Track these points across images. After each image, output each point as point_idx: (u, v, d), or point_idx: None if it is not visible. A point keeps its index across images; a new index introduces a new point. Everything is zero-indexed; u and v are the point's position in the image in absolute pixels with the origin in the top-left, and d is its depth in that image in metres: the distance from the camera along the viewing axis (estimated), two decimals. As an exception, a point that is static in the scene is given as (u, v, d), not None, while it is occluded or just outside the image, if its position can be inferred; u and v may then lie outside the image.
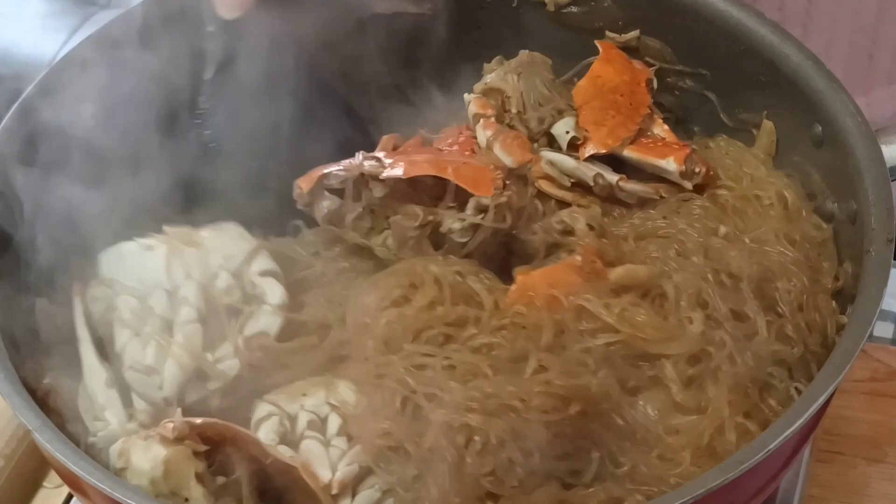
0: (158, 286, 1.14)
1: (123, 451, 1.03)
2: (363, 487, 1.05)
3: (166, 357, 1.09)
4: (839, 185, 1.18)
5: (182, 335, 1.11)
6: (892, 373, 1.35)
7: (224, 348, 1.12)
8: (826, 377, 1.00)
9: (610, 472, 1.06)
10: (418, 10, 1.41)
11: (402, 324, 1.11)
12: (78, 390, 1.12)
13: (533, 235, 1.19)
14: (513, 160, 1.21)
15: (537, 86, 1.29)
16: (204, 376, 1.10)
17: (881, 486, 1.27)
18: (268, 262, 1.18)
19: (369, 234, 1.20)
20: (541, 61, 1.32)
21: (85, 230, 1.17)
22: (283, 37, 1.24)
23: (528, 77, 1.30)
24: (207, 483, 1.01)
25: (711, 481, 0.93)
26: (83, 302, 1.16)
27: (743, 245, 1.16)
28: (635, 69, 1.30)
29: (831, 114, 1.18)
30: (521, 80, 1.29)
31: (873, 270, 1.06)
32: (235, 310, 1.14)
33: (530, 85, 1.29)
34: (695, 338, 1.09)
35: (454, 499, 1.02)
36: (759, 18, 1.26)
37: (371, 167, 1.17)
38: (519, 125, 1.27)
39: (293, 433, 1.08)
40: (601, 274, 1.13)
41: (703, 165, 1.23)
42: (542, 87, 1.29)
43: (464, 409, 1.04)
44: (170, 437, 1.01)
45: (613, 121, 1.25)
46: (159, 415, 1.08)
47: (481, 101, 1.29)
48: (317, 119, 1.28)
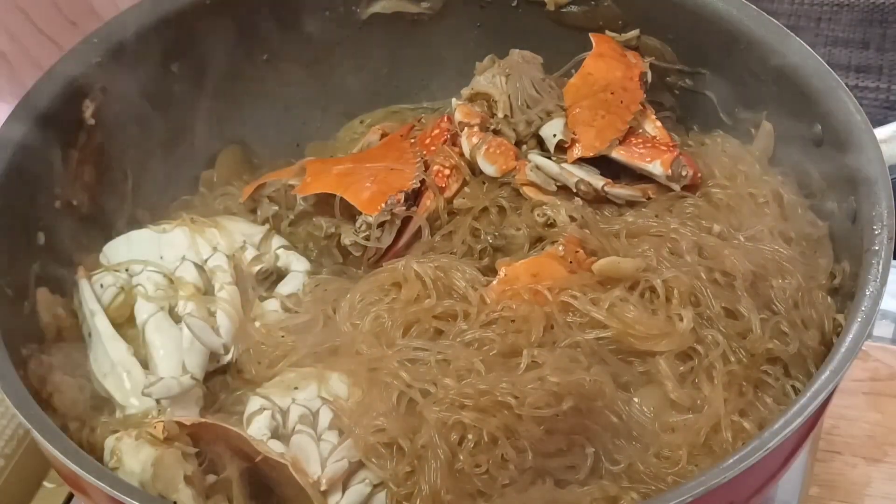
0: (185, 260, 1.22)
1: (115, 450, 1.03)
2: (353, 482, 1.05)
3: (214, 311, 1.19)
4: (839, 183, 1.17)
5: (225, 292, 1.20)
6: (892, 373, 1.35)
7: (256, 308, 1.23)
8: (825, 376, 1.00)
9: (606, 470, 1.06)
10: (418, 10, 1.41)
11: (391, 317, 1.13)
12: (89, 360, 1.17)
13: (517, 231, 1.21)
14: (495, 169, 1.25)
15: (526, 87, 1.29)
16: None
17: (881, 486, 1.26)
18: (282, 240, 1.28)
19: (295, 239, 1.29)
20: (531, 60, 1.32)
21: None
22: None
23: (516, 78, 1.30)
24: (197, 483, 1.01)
25: (711, 480, 0.93)
26: (90, 284, 1.21)
27: (737, 243, 1.16)
28: (629, 63, 1.30)
29: (831, 113, 1.18)
30: (508, 82, 1.30)
31: (873, 269, 1.06)
32: (262, 278, 1.25)
33: (519, 87, 1.29)
34: (684, 335, 1.09)
35: (446, 496, 1.02)
36: (759, 18, 1.26)
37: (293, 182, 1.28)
38: (506, 129, 1.28)
39: (285, 427, 1.08)
40: (584, 264, 1.14)
41: (690, 168, 1.23)
42: (530, 88, 1.29)
43: (458, 407, 1.04)
44: (160, 437, 1.01)
45: (603, 121, 1.25)
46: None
47: (466, 108, 1.29)
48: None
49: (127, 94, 1.29)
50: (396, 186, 1.23)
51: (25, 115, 1.20)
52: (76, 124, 1.25)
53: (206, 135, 1.39)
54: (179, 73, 1.33)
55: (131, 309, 1.19)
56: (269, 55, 1.40)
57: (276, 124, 1.44)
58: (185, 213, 1.29)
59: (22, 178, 1.18)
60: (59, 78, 1.24)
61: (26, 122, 1.20)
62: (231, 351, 1.18)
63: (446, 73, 1.44)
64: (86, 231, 1.25)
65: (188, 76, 1.34)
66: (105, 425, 1.12)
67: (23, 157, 1.18)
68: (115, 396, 1.14)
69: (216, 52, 1.34)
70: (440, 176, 1.25)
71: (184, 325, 1.15)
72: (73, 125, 1.25)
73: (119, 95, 1.28)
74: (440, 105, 1.45)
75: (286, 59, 1.41)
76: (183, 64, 1.33)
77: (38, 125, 1.20)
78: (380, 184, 1.24)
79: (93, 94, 1.26)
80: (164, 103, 1.32)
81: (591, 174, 1.23)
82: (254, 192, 1.31)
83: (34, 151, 1.20)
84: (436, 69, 1.46)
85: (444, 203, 1.24)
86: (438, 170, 1.26)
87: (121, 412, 1.14)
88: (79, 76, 1.25)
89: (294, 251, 1.27)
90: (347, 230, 1.23)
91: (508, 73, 1.30)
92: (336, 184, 1.25)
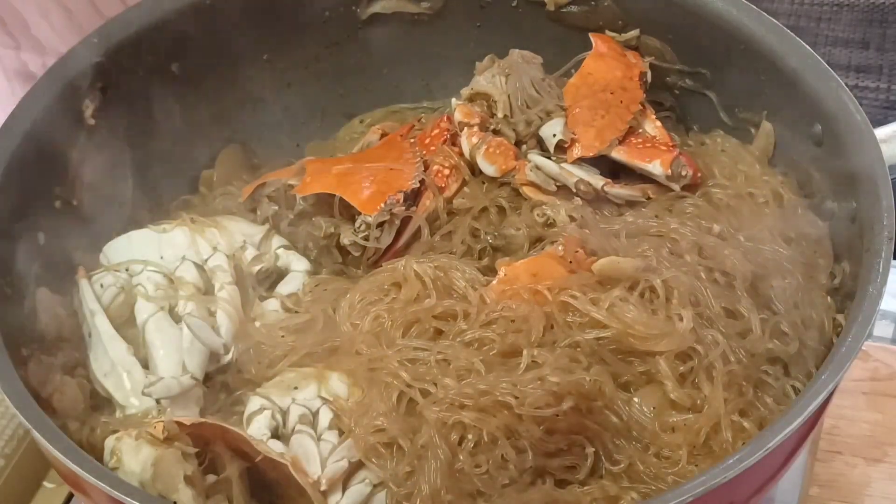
0: (185, 260, 1.22)
1: (115, 450, 1.03)
2: (353, 482, 1.05)
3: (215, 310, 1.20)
4: (839, 183, 1.17)
5: (225, 292, 1.21)
6: (892, 373, 1.35)
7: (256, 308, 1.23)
8: (825, 376, 1.00)
9: (606, 470, 1.06)
10: (418, 10, 1.41)
11: (391, 317, 1.13)
12: (89, 360, 1.17)
13: (517, 231, 1.21)
14: (495, 169, 1.25)
15: (525, 87, 1.29)
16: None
17: (881, 486, 1.26)
18: (282, 240, 1.28)
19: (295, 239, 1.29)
20: (531, 60, 1.32)
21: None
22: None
23: (516, 78, 1.30)
24: (197, 483, 1.01)
25: (712, 479, 0.93)
26: (90, 284, 1.21)
27: (737, 243, 1.16)
28: (629, 63, 1.30)
29: (831, 113, 1.18)
30: (508, 81, 1.30)
31: (873, 269, 1.06)
32: (263, 277, 1.26)
33: (518, 87, 1.29)
34: (684, 335, 1.09)
35: (445, 496, 1.02)
36: (759, 18, 1.26)
37: (292, 182, 1.28)
38: (506, 129, 1.28)
39: (285, 427, 1.08)
40: (584, 264, 1.14)
41: (690, 168, 1.23)
42: (530, 88, 1.29)
43: (457, 407, 1.04)
44: (160, 437, 1.01)
45: (602, 121, 1.25)
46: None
47: (466, 108, 1.29)
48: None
49: (127, 94, 1.29)
50: (396, 186, 1.23)
51: (26, 114, 1.20)
52: (76, 124, 1.25)
53: (206, 134, 1.39)
54: (180, 72, 1.33)
55: (131, 309, 1.19)
56: (270, 55, 1.40)
57: (276, 124, 1.44)
58: (185, 213, 1.29)
59: (22, 177, 1.18)
60: (60, 78, 1.24)
61: (26, 121, 1.20)
62: (231, 351, 1.18)
63: (446, 73, 1.44)
64: (86, 231, 1.25)
65: (188, 76, 1.34)
66: (105, 425, 1.12)
67: (23, 157, 1.18)
68: (115, 396, 1.14)
69: (216, 51, 1.35)
70: (440, 176, 1.26)
71: (184, 325, 1.16)
72: (73, 125, 1.25)
73: (119, 95, 1.28)
74: (440, 105, 1.45)
75: (286, 58, 1.41)
76: (183, 64, 1.33)
77: (39, 125, 1.20)
78: (379, 184, 1.24)
79: (93, 94, 1.26)
80: (164, 103, 1.32)
81: (590, 174, 1.23)
82: (253, 192, 1.31)
83: (34, 151, 1.19)
84: (436, 69, 1.46)
85: (443, 203, 1.24)
86: (438, 170, 1.26)
87: (121, 412, 1.14)
88: (79, 76, 1.25)
89: (294, 251, 1.27)
90: (347, 230, 1.24)
91: (508, 72, 1.30)
92: (335, 184, 1.25)
